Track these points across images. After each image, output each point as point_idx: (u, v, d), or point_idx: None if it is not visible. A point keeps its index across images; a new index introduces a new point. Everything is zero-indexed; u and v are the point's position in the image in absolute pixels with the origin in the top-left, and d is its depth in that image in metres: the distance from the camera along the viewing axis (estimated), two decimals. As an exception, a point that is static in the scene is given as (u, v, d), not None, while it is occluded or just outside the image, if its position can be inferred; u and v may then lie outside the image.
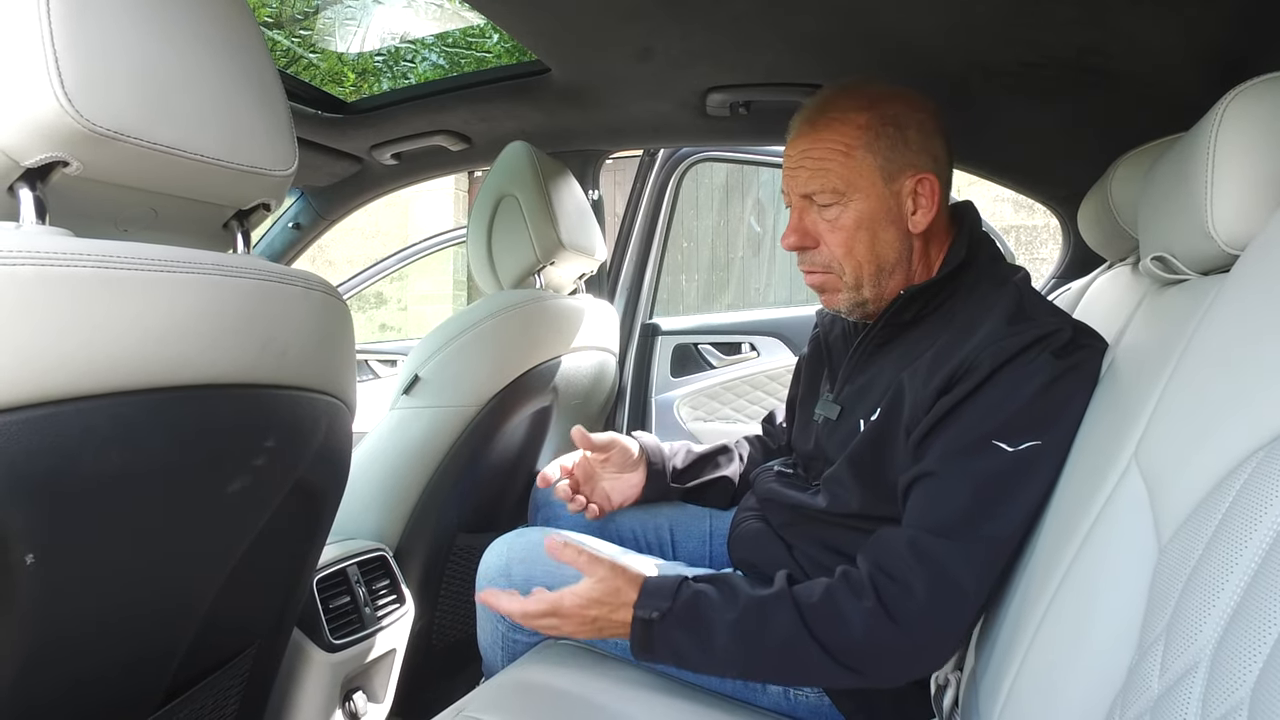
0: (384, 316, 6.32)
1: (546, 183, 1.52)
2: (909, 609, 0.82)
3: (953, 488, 0.84)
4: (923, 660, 0.87)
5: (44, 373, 0.56)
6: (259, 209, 0.80)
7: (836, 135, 0.97)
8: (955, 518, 0.83)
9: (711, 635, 0.87)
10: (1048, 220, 4.42)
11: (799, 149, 1.00)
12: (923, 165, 0.98)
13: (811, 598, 0.87)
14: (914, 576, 0.82)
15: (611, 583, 0.91)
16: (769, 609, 0.87)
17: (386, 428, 1.39)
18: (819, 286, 1.05)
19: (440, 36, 3.03)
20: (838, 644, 0.84)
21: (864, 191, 0.97)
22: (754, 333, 2.35)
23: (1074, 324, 0.89)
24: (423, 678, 1.45)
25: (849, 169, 0.97)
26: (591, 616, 0.91)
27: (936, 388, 0.88)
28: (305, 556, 0.99)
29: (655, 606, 0.89)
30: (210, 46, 0.70)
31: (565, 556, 0.93)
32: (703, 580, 0.92)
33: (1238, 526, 0.45)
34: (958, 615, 0.83)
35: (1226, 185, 0.69)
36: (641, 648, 0.90)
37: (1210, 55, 1.12)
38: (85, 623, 0.70)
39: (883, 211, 0.98)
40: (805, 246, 1.02)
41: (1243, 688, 0.40)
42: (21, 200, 0.60)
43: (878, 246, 0.99)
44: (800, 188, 1.00)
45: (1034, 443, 0.82)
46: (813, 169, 0.98)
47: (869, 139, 0.97)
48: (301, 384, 0.80)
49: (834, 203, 0.98)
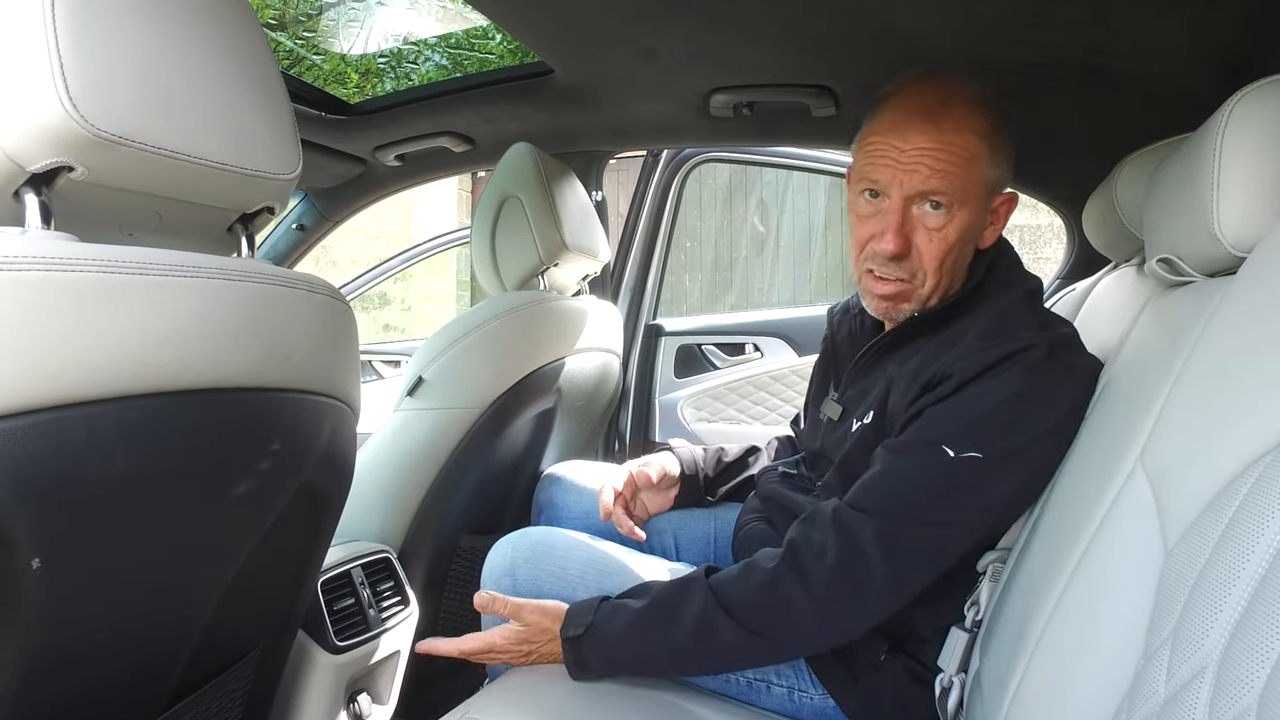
0: (388, 317, 6.32)
1: (550, 184, 1.52)
2: (816, 569, 0.85)
3: (888, 475, 0.87)
4: (823, 625, 0.87)
5: (49, 377, 0.56)
6: (263, 212, 0.80)
7: (963, 141, 0.90)
8: (880, 498, 0.86)
9: (632, 631, 0.90)
10: (1052, 220, 4.41)
11: (916, 145, 0.90)
12: (1009, 179, 0.96)
13: (727, 574, 0.90)
14: (829, 542, 0.85)
15: (538, 624, 0.96)
16: (683, 589, 0.91)
17: (390, 430, 1.39)
18: (892, 295, 0.97)
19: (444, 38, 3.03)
20: (741, 605, 0.87)
21: (972, 205, 0.92)
22: (758, 333, 2.35)
23: (1054, 339, 0.87)
24: (427, 679, 1.45)
25: (969, 180, 0.90)
26: (525, 651, 0.98)
27: (912, 394, 0.90)
28: (310, 559, 0.99)
29: (580, 624, 0.93)
30: (214, 50, 0.70)
31: (495, 609, 0.98)
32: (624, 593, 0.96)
33: (1245, 530, 0.45)
34: (863, 587, 0.85)
35: (1233, 187, 0.69)
36: (577, 666, 0.93)
37: (1216, 55, 1.12)
38: (90, 627, 0.70)
39: (978, 227, 0.95)
40: (904, 254, 0.93)
41: (1250, 693, 0.40)
42: (27, 205, 0.60)
43: (960, 262, 0.96)
44: (915, 187, 0.91)
45: (975, 454, 0.83)
46: (932, 171, 0.89)
47: (989, 151, 0.91)
48: (305, 387, 0.80)
49: (944, 211, 0.91)
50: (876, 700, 0.97)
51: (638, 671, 0.96)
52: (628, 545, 1.26)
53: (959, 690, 0.88)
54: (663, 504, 1.32)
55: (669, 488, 1.31)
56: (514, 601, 0.98)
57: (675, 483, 1.31)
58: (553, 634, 0.95)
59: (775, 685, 1.02)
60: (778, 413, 2.26)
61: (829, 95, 1.44)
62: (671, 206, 2.33)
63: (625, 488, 1.27)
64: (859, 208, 0.98)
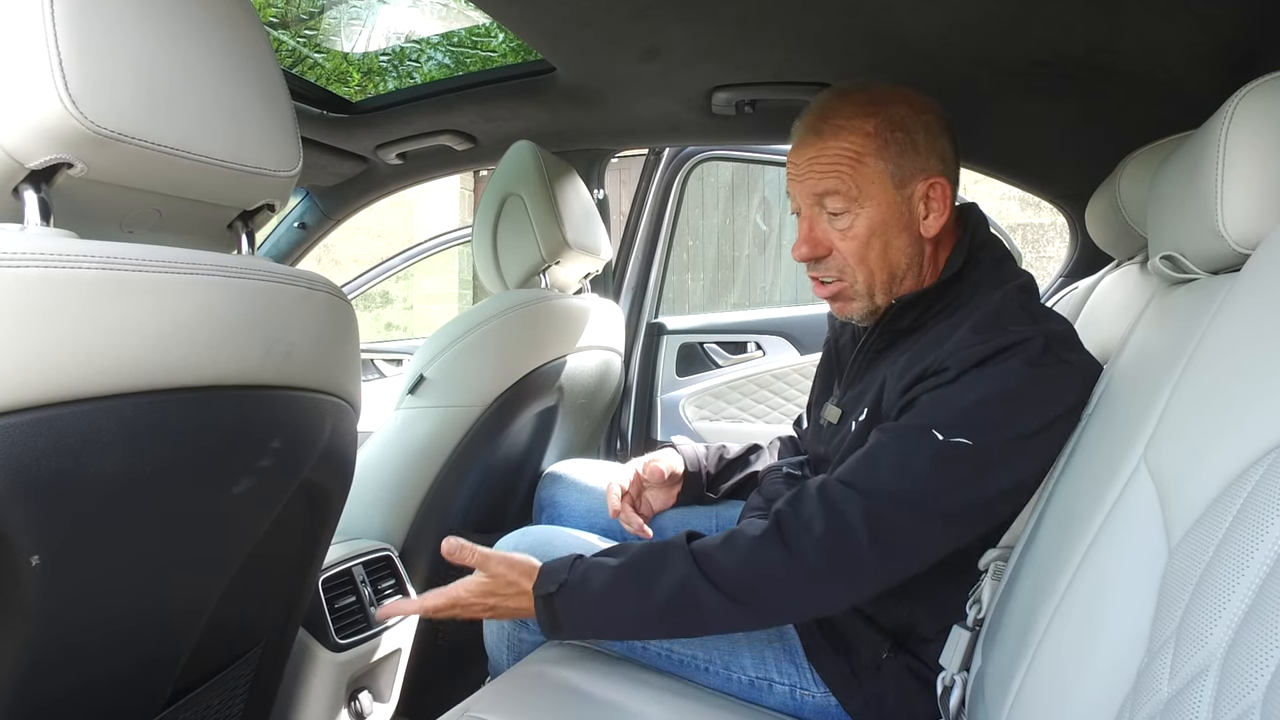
0: (389, 315, 6.33)
1: (552, 182, 1.52)
2: (803, 539, 0.85)
3: (876, 454, 0.87)
4: (805, 595, 0.87)
5: (48, 374, 0.56)
6: (264, 210, 0.80)
7: (844, 143, 0.95)
8: (866, 475, 0.86)
9: (608, 591, 0.90)
10: (1054, 218, 4.40)
11: (805, 157, 0.98)
12: (933, 168, 0.97)
13: (711, 540, 0.90)
14: (815, 514, 0.85)
15: (504, 576, 0.96)
16: (662, 552, 0.91)
17: (392, 428, 1.40)
18: (831, 296, 1.03)
19: (446, 36, 3.03)
20: (724, 573, 0.87)
21: (875, 199, 0.96)
22: (760, 332, 2.35)
23: (1050, 334, 0.87)
24: (428, 677, 1.45)
25: (860, 177, 0.95)
26: (490, 605, 0.97)
27: (904, 386, 0.91)
28: (311, 557, 0.99)
29: (554, 581, 0.92)
30: (214, 47, 0.70)
31: (462, 558, 0.98)
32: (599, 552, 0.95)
33: (1249, 528, 0.45)
34: (850, 562, 0.84)
35: (1237, 184, 0.69)
36: (550, 626, 0.93)
37: (1221, 52, 1.11)
38: (91, 624, 0.70)
39: (895, 218, 0.97)
40: (818, 256, 1.00)
41: (1255, 691, 0.39)
42: (26, 202, 0.60)
43: (890, 254, 0.98)
44: (808, 196, 0.99)
45: (964, 440, 0.83)
46: (821, 176, 0.96)
47: (878, 146, 0.95)
48: (306, 385, 0.80)
49: (845, 211, 0.97)
50: (879, 699, 0.97)
51: (611, 633, 0.96)
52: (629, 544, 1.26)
53: (961, 689, 0.88)
54: (666, 501, 1.32)
55: (673, 485, 1.31)
56: (481, 551, 0.98)
57: (679, 480, 1.31)
58: (520, 588, 0.95)
59: (777, 684, 1.02)
60: (780, 411, 2.26)
61: (831, 93, 1.44)
62: (673, 205, 2.33)
63: (632, 486, 1.27)
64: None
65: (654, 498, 1.32)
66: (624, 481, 1.26)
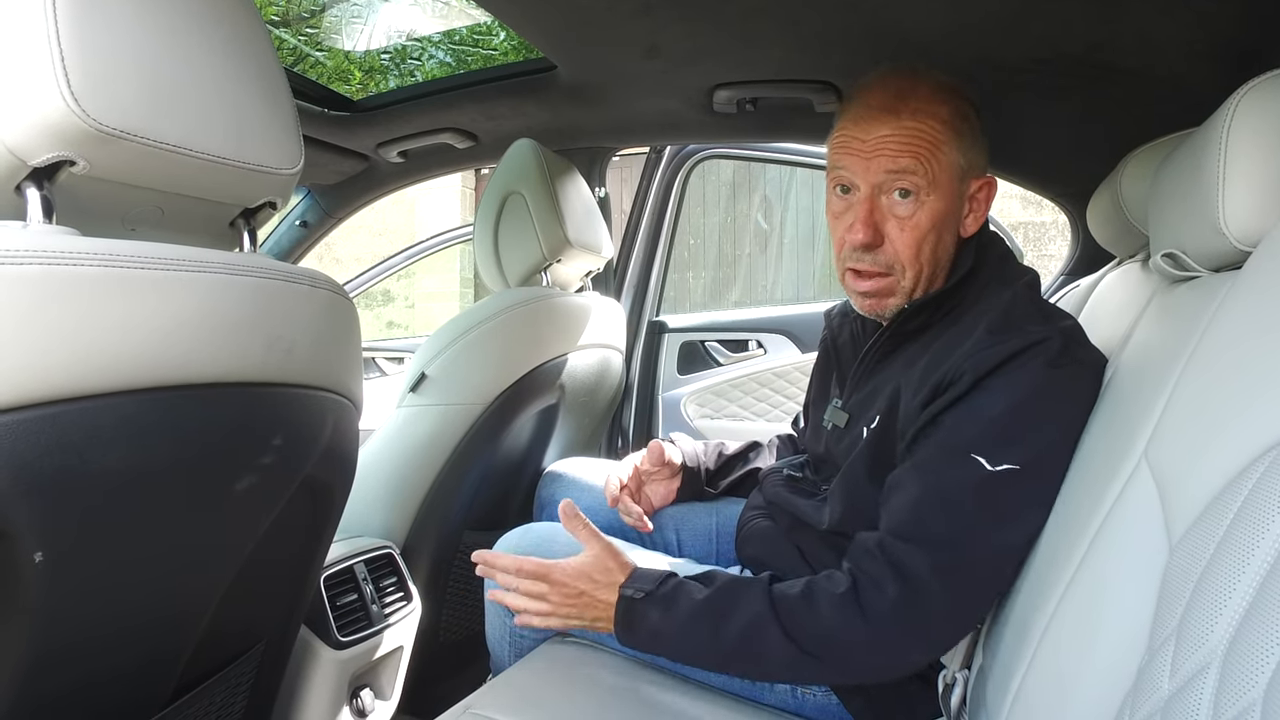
0: (391, 314, 6.33)
1: (553, 180, 1.52)
2: (878, 605, 0.82)
3: (923, 495, 0.84)
4: (880, 657, 0.85)
5: (51, 371, 0.56)
6: (265, 207, 0.80)
7: (924, 125, 0.90)
8: (921, 525, 0.83)
9: (684, 614, 0.89)
10: (1056, 216, 4.40)
11: (876, 134, 0.91)
12: (984, 166, 0.96)
13: (790, 589, 0.88)
14: (885, 576, 0.83)
15: (605, 561, 0.94)
16: (741, 591, 0.89)
17: (393, 426, 1.40)
18: (874, 291, 0.97)
19: (447, 34, 3.03)
20: (801, 628, 0.85)
21: (942, 190, 0.92)
22: (761, 330, 2.35)
23: (1065, 332, 0.86)
24: (430, 675, 1.45)
25: (935, 163, 0.91)
26: (579, 590, 0.93)
27: (923, 399, 0.88)
28: (312, 554, 0.99)
29: (641, 588, 0.91)
30: (216, 45, 0.70)
31: (572, 526, 0.96)
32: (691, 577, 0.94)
33: (1250, 526, 0.45)
34: (922, 621, 0.82)
35: (1239, 181, 0.69)
36: (624, 626, 0.92)
37: (1222, 49, 1.11)
38: (93, 622, 0.70)
39: (952, 213, 0.94)
40: (875, 244, 0.94)
41: (1255, 689, 0.39)
42: (29, 199, 0.60)
43: (938, 251, 0.95)
44: (876, 174, 0.92)
45: (1012, 466, 0.80)
46: (896, 154, 0.91)
47: (951, 134, 0.92)
48: (308, 382, 0.80)
49: (914, 195, 0.92)
50: (880, 697, 0.97)
51: (677, 656, 0.94)
52: (631, 541, 1.26)
53: (962, 687, 0.88)
54: (666, 495, 1.32)
55: (672, 477, 1.31)
56: (592, 527, 0.96)
57: (678, 472, 1.31)
58: (615, 581, 0.92)
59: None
60: (781, 409, 2.26)
61: (832, 91, 1.44)
62: (674, 203, 2.33)
63: (631, 480, 1.27)
64: (833, 205, 0.99)
65: (654, 492, 1.32)
66: (623, 475, 1.26)
